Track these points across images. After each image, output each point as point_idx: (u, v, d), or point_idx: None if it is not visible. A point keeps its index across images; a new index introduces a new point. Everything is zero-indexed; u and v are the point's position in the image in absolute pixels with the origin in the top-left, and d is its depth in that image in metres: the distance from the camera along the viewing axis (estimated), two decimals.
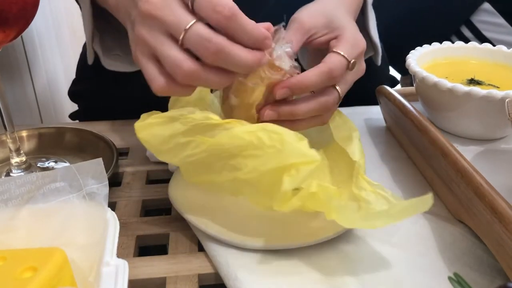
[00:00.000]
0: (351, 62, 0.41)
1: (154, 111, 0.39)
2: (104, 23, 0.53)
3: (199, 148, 0.36)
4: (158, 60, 0.36)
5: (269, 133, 0.34)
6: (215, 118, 0.36)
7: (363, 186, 0.36)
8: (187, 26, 0.33)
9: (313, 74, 0.40)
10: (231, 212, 0.42)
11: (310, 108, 0.41)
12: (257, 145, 0.34)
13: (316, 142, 0.43)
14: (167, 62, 0.34)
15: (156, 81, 0.36)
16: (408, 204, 0.34)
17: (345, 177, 0.41)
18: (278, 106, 0.40)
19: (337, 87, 0.42)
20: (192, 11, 0.34)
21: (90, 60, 0.55)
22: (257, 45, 0.35)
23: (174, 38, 0.35)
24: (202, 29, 0.34)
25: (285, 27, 0.40)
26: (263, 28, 0.36)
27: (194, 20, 0.34)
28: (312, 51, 0.49)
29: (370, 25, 0.53)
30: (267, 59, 0.37)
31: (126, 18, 0.40)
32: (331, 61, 0.41)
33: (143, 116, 0.38)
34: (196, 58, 0.35)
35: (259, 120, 0.40)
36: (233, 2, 0.34)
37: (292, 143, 0.34)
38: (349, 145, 0.41)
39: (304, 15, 0.43)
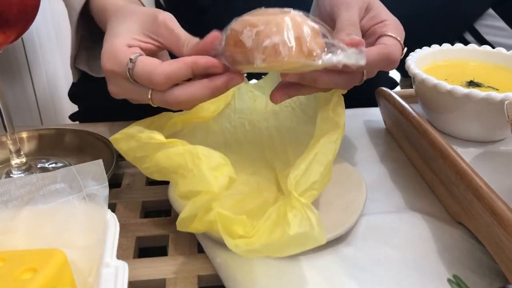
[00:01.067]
0: (404, 48, 0.41)
1: (136, 122, 0.44)
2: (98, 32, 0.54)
3: (150, 163, 0.40)
4: None
5: (193, 156, 0.37)
6: (158, 137, 0.40)
7: (294, 205, 0.36)
8: (149, 96, 0.39)
9: (373, 55, 0.40)
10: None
11: (332, 81, 0.41)
12: (184, 167, 0.38)
13: (303, 147, 0.43)
14: (143, 101, 0.41)
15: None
16: (299, 239, 0.34)
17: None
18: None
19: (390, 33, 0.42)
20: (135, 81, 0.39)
21: (74, 79, 0.56)
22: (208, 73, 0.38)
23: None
24: (158, 98, 0.39)
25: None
26: (210, 38, 0.38)
27: (149, 97, 0.39)
28: (324, 11, 0.48)
29: None
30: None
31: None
32: (391, 44, 0.41)
33: (119, 131, 0.43)
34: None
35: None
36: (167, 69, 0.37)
37: (203, 171, 0.36)
38: (305, 156, 0.40)
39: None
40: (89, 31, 0.53)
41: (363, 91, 0.63)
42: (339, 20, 0.43)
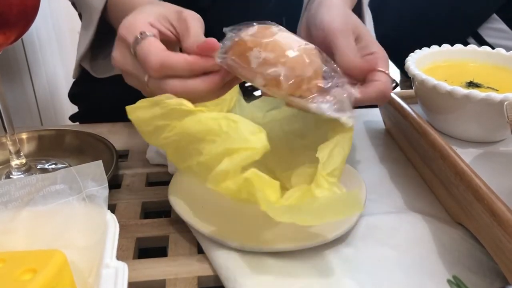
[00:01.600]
0: (394, 84, 0.44)
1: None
2: (105, 30, 0.54)
3: (172, 132, 0.38)
4: None
5: (228, 121, 0.36)
6: (188, 104, 0.38)
7: (321, 184, 0.36)
8: (146, 79, 0.39)
9: (372, 92, 0.41)
10: (230, 215, 0.42)
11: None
12: (216, 131, 0.36)
13: (312, 139, 0.43)
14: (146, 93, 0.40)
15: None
16: (335, 202, 0.34)
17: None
18: None
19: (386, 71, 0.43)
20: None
21: (74, 76, 0.56)
22: (201, 71, 0.38)
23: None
24: (154, 84, 0.39)
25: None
26: (208, 43, 0.38)
27: (146, 79, 0.39)
28: (305, 23, 0.48)
29: (367, 25, 0.53)
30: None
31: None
32: (386, 81, 0.42)
33: (139, 101, 0.41)
34: None
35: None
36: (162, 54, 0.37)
37: (243, 131, 0.36)
38: (325, 145, 0.40)
39: (336, 25, 0.44)
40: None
41: None
42: (342, 46, 0.43)
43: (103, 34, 0.52)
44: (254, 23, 0.39)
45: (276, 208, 0.35)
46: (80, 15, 0.59)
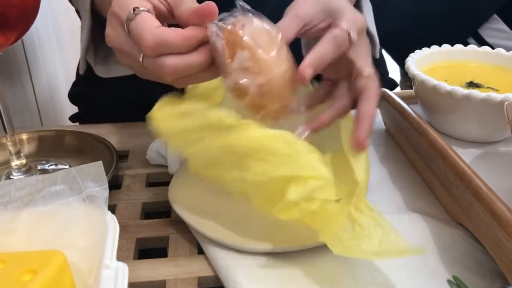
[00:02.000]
0: (350, 33, 0.40)
1: (171, 97, 0.39)
2: (102, 30, 0.54)
3: (212, 145, 0.36)
4: None
5: (286, 141, 0.35)
6: (230, 118, 0.36)
7: (361, 209, 0.35)
8: (140, 59, 0.37)
9: (321, 45, 0.40)
10: (231, 215, 0.42)
11: (332, 114, 0.42)
12: (270, 151, 0.34)
13: (325, 149, 0.43)
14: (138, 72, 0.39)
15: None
16: (399, 248, 0.34)
17: (345, 191, 0.39)
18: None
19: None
20: None
21: (81, 70, 0.56)
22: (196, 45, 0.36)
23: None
24: (149, 61, 0.36)
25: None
26: (207, 8, 0.35)
27: (141, 59, 0.36)
28: (312, 42, 0.46)
29: (367, 19, 0.52)
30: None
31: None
32: (333, 31, 0.40)
33: (160, 103, 0.39)
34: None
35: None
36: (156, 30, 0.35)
37: (306, 156, 0.34)
38: (356, 161, 0.39)
39: (300, 4, 0.42)
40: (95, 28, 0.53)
41: None
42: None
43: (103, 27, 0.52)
44: (263, 18, 0.37)
45: (341, 245, 0.34)
46: (77, 11, 0.59)
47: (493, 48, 0.60)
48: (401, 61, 0.92)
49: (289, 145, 0.35)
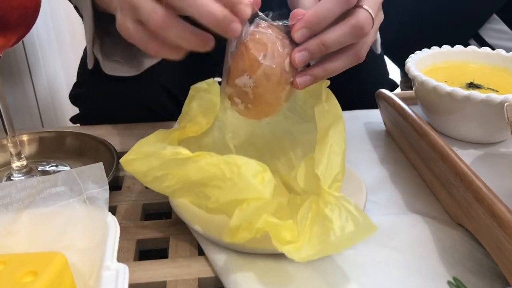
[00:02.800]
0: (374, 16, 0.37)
1: (140, 141, 0.42)
2: (104, 32, 0.54)
3: (174, 180, 0.39)
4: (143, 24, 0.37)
5: (230, 165, 0.36)
6: (184, 152, 0.38)
7: (328, 200, 0.35)
8: None
9: (324, 1, 0.36)
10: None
11: (340, 31, 0.37)
12: (220, 177, 0.36)
13: (303, 146, 0.43)
14: (144, 14, 0.36)
15: (147, 44, 0.37)
16: (351, 234, 0.34)
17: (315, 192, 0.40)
18: (307, 44, 0.37)
19: (364, 6, 0.37)
20: None
21: (90, 65, 0.55)
22: (230, 7, 0.34)
23: None
24: None
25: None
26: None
27: None
28: None
29: None
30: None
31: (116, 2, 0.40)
32: (358, 14, 0.37)
33: (129, 152, 0.41)
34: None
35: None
36: None
37: (247, 178, 0.35)
38: (321, 151, 0.40)
39: None
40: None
41: (363, 93, 0.63)
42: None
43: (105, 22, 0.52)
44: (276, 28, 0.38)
45: (297, 252, 0.34)
46: (75, 8, 0.59)
47: (493, 49, 0.60)
48: (400, 64, 0.92)
49: (232, 168, 0.36)
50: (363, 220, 0.34)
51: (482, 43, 0.87)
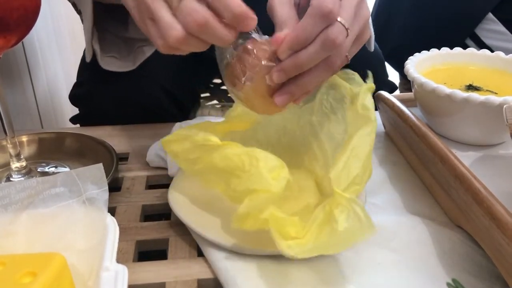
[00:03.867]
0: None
1: (184, 128, 0.43)
2: (101, 28, 0.54)
3: (201, 165, 0.41)
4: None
5: (251, 158, 0.38)
6: (214, 140, 0.40)
7: (339, 202, 0.36)
8: None
9: (303, 22, 0.36)
10: (230, 218, 0.42)
11: (313, 49, 0.37)
12: (240, 167, 0.38)
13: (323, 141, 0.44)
14: (161, 26, 0.37)
15: (157, 40, 0.38)
16: (352, 233, 0.35)
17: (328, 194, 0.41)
18: (283, 64, 0.38)
19: (338, 19, 0.37)
20: None
21: (88, 58, 0.56)
22: (237, 24, 0.36)
23: (169, 6, 0.37)
24: (193, 2, 0.35)
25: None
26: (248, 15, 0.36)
27: None
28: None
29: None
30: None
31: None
32: (328, 27, 0.36)
33: (171, 134, 0.43)
34: None
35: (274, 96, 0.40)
36: None
37: (262, 171, 0.37)
38: (341, 152, 0.40)
39: None
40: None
41: None
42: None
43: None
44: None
45: (295, 250, 0.35)
46: (73, 5, 0.59)
47: (491, 50, 0.60)
48: (399, 66, 0.93)
49: (252, 161, 0.38)
50: (365, 221, 0.35)
51: (479, 44, 0.87)
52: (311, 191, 0.46)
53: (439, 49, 0.61)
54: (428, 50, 0.61)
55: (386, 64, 0.83)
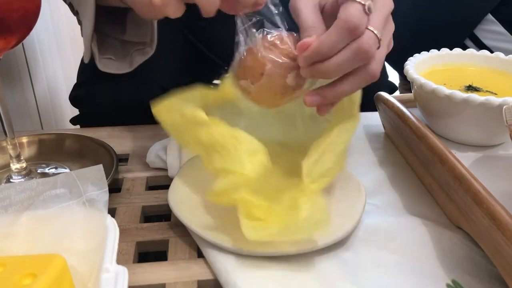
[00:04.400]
0: (366, 4, 0.36)
1: (179, 95, 0.44)
2: (99, 31, 0.54)
3: (190, 137, 0.42)
4: None
5: (233, 138, 0.39)
6: (200, 115, 0.41)
7: (305, 192, 0.38)
8: None
9: (329, 33, 0.36)
10: (230, 219, 0.42)
11: (342, 57, 0.36)
12: (222, 145, 0.39)
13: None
14: None
15: None
16: (309, 224, 0.37)
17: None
18: (311, 68, 0.37)
19: (369, 27, 0.36)
20: None
21: (86, 59, 0.56)
22: None
23: None
24: None
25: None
26: None
27: None
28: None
29: None
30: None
31: None
32: (345, 12, 0.36)
33: (166, 99, 0.43)
34: None
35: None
36: None
37: (241, 153, 0.38)
38: (318, 143, 0.41)
39: None
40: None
41: (362, 95, 0.63)
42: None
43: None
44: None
45: (258, 232, 0.37)
46: (70, 5, 0.59)
47: (491, 51, 0.60)
48: (399, 67, 0.93)
49: (233, 142, 0.39)
50: (325, 215, 0.37)
51: (479, 44, 0.87)
52: (293, 174, 0.45)
53: (438, 50, 0.61)
54: (428, 51, 0.61)
55: (386, 64, 0.83)
